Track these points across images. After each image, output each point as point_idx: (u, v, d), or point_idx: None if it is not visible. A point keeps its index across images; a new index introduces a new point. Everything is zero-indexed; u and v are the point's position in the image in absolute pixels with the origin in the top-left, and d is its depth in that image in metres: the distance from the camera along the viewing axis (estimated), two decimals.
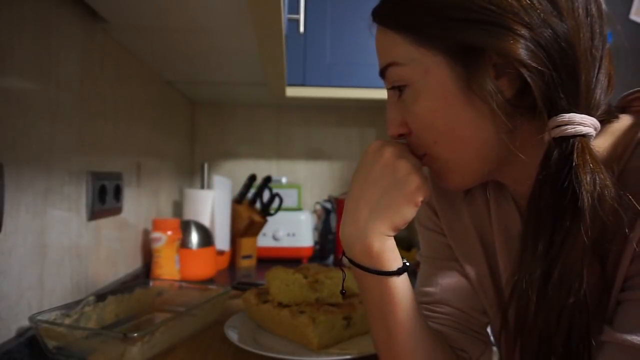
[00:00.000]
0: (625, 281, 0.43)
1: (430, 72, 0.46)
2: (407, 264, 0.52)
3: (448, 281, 0.61)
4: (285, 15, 0.94)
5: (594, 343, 0.43)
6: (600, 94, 0.45)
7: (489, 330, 0.64)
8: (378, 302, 0.52)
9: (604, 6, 0.46)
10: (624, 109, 0.50)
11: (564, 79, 0.43)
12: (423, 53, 0.47)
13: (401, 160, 0.50)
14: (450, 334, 0.59)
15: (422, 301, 0.61)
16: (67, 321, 0.72)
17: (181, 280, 1.15)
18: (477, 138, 0.47)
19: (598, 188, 0.41)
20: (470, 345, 0.59)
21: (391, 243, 0.51)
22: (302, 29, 1.18)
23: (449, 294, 0.61)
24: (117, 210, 1.04)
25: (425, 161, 0.52)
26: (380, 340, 0.54)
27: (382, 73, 0.52)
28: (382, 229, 0.50)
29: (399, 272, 0.51)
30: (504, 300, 0.58)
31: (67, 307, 0.73)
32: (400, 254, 0.52)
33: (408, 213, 0.50)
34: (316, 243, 1.68)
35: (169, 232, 1.17)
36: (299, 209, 1.77)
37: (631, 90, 0.50)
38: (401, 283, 0.51)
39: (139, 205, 1.22)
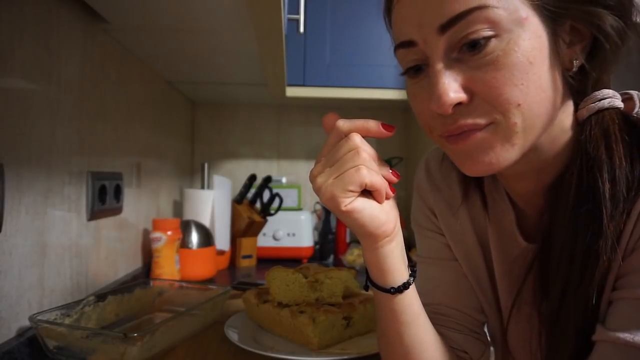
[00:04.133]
0: (616, 280, 0.44)
1: (529, 20, 0.41)
2: (410, 281, 0.52)
3: (447, 281, 0.61)
4: (285, 15, 0.94)
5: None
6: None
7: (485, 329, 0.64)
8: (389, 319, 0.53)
9: None
10: None
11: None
12: (521, 0, 0.41)
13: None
14: (451, 336, 0.59)
15: (421, 302, 0.61)
16: (67, 321, 0.72)
17: (181, 280, 1.15)
18: (555, 103, 0.44)
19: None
20: (471, 346, 0.59)
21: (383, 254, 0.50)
22: (302, 29, 1.18)
23: (448, 295, 0.61)
24: (117, 210, 1.04)
25: (480, 133, 0.44)
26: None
27: (449, 24, 0.42)
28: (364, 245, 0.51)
29: (399, 290, 0.51)
30: (497, 296, 0.59)
31: (67, 307, 0.73)
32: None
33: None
34: (316, 243, 1.68)
35: (169, 232, 1.17)
36: (299, 209, 1.78)
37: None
38: (403, 300, 0.51)
39: (139, 205, 1.22)
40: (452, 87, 0.42)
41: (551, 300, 0.47)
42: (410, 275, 0.52)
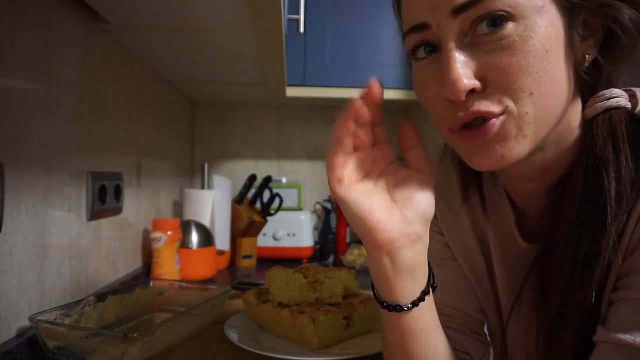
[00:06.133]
0: (617, 281, 0.43)
1: (545, 8, 0.41)
2: (423, 296, 0.47)
3: (448, 282, 0.61)
4: (285, 15, 0.94)
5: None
6: None
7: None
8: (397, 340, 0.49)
9: None
10: None
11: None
12: None
13: None
14: (453, 336, 0.58)
15: None
16: (67, 321, 0.72)
17: (181, 280, 1.15)
18: (566, 97, 0.43)
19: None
20: (473, 347, 0.59)
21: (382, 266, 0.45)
22: (302, 29, 1.18)
23: (450, 295, 0.61)
24: (117, 210, 1.04)
25: (495, 126, 0.42)
26: None
27: (463, 7, 0.40)
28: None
29: (404, 307, 0.46)
30: (498, 297, 0.59)
31: (67, 307, 0.73)
32: None
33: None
34: (316, 243, 1.69)
35: (169, 232, 1.17)
36: (299, 209, 1.78)
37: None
38: (416, 318, 0.47)
39: (139, 205, 1.22)
40: (465, 74, 0.41)
41: (551, 303, 0.47)
42: (412, 302, 0.47)
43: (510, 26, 0.40)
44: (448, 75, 0.41)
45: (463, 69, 0.41)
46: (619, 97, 0.46)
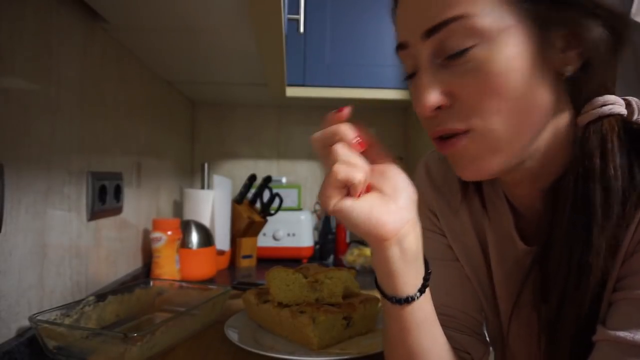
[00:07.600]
0: (616, 282, 0.44)
1: (511, 29, 0.42)
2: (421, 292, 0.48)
3: (450, 282, 0.61)
4: (285, 15, 0.94)
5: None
6: None
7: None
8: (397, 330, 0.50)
9: None
10: None
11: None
12: (507, 9, 0.42)
13: None
14: (454, 336, 0.59)
15: None
16: (67, 321, 0.72)
17: (181, 280, 1.15)
18: (546, 109, 0.44)
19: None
20: (473, 347, 0.59)
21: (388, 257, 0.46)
22: (302, 29, 1.18)
23: (451, 296, 0.61)
24: (117, 210, 1.04)
25: (462, 141, 0.45)
26: None
27: (431, 31, 0.43)
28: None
29: (399, 301, 0.47)
30: (495, 297, 0.59)
31: (67, 307, 0.73)
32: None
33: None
34: (316, 243, 1.69)
35: (169, 232, 1.17)
36: (299, 209, 1.78)
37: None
38: (418, 309, 0.48)
39: (139, 205, 1.22)
40: (431, 92, 0.44)
41: (550, 305, 0.47)
42: (419, 290, 0.48)
43: (473, 50, 0.42)
44: (416, 94, 0.46)
45: (429, 89, 0.44)
46: (612, 104, 0.45)
